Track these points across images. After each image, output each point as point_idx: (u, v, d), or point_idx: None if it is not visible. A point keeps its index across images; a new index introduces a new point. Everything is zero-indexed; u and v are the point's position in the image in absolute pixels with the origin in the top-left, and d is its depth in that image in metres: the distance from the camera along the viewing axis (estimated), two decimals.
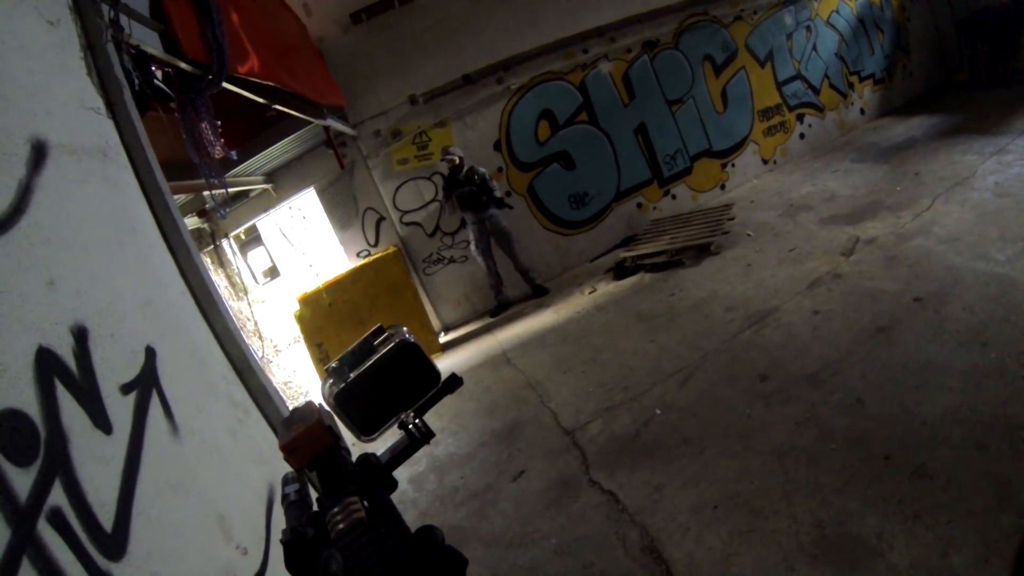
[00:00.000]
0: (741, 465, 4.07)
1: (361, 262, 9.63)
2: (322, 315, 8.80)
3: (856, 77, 12.70)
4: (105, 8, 2.34)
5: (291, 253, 11.38)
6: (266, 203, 9.90)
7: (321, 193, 9.90)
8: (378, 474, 1.13)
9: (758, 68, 11.70)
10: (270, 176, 9.67)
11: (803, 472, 3.78)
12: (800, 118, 12.09)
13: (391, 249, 9.62)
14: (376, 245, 10.06)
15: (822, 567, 3.10)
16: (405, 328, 1.19)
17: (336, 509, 0.94)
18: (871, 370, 4.50)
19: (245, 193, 9.49)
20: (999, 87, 11.77)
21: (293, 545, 0.93)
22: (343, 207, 9.93)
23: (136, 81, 2.51)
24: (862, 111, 12.76)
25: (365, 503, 0.97)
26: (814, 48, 12.19)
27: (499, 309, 9.81)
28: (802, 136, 12.09)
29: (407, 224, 10.02)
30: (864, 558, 3.05)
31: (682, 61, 11.03)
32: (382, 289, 8.93)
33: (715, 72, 11.33)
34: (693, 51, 11.11)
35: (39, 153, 1.77)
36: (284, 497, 1.08)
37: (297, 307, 8.89)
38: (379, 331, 1.19)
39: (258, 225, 10.75)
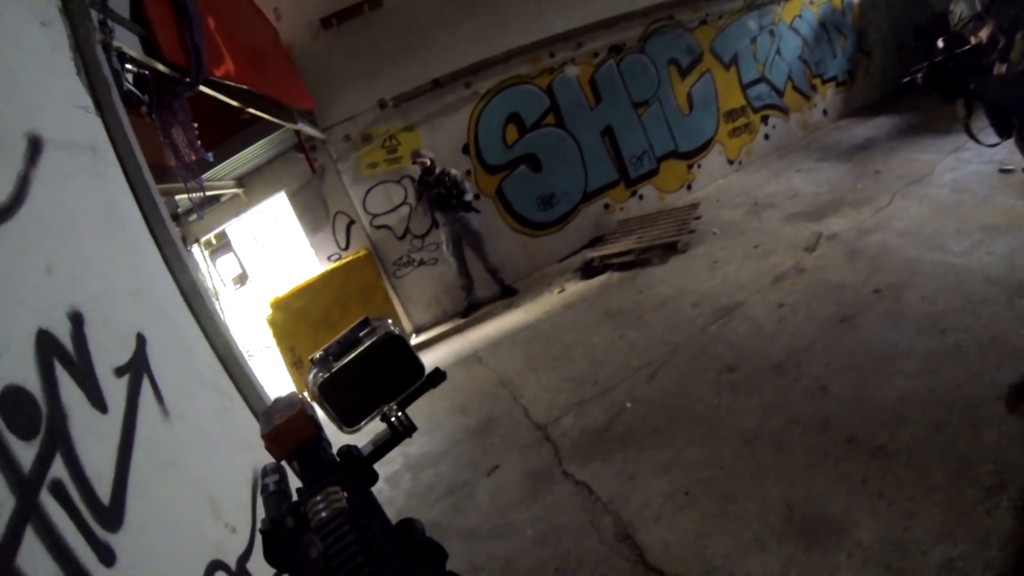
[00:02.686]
0: (711, 452, 4.17)
1: (332, 265, 9.64)
2: (294, 319, 8.79)
3: (819, 79, 12.91)
4: (94, 13, 2.39)
5: (261, 258, 11.34)
6: (237, 208, 9.87)
7: (292, 197, 9.89)
8: (359, 466, 1.13)
9: (723, 71, 11.85)
10: (241, 180, 9.65)
11: (771, 456, 3.89)
12: (764, 119, 12.28)
13: (362, 252, 9.65)
14: (347, 248, 10.05)
15: (792, 545, 3.20)
16: (390, 320, 1.20)
17: (318, 498, 0.95)
18: (834, 358, 4.63)
19: (216, 198, 9.46)
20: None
21: (272, 535, 0.93)
22: (313, 211, 9.92)
23: (124, 82, 2.56)
24: (825, 112, 12.99)
25: (346, 494, 0.98)
26: (778, 52, 12.38)
27: (470, 310, 9.85)
28: (767, 137, 12.27)
29: (377, 227, 10.03)
30: (831, 535, 3.16)
31: (648, 65, 11.15)
32: (353, 292, 8.95)
33: (680, 75, 11.45)
34: (659, 55, 11.23)
35: (35, 147, 1.81)
36: (263, 488, 1.07)
37: (269, 311, 8.88)
38: (365, 323, 1.20)
39: (228, 230, 10.70)
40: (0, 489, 1.35)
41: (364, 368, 1.14)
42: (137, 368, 1.95)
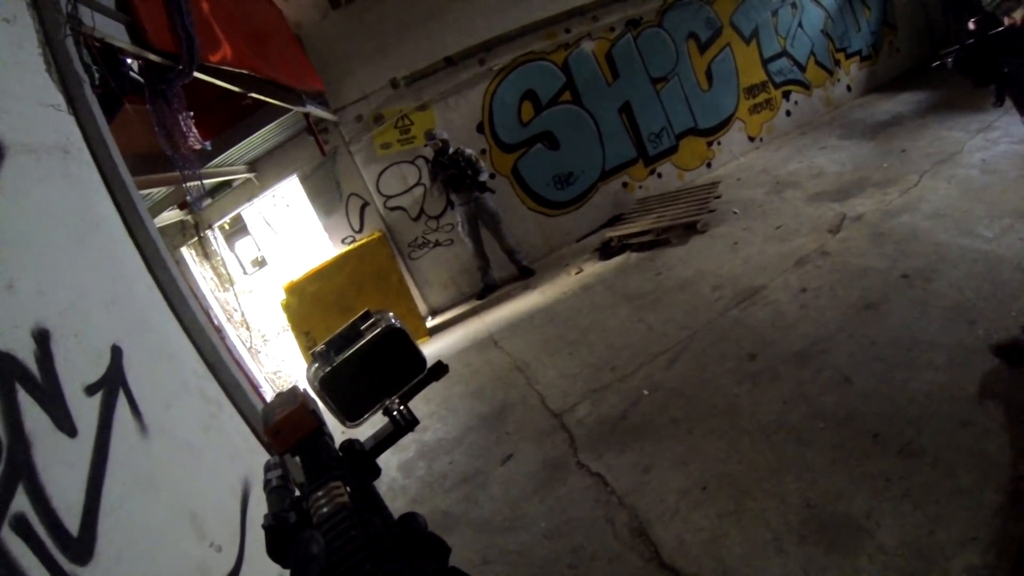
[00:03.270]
0: (729, 445, 4.07)
1: (346, 248, 9.58)
2: (308, 303, 8.75)
3: (842, 54, 12.63)
4: (64, 2, 2.28)
5: (277, 242, 11.32)
6: (250, 192, 9.83)
7: (304, 180, 9.83)
8: (362, 460, 1.11)
9: (743, 45, 11.64)
10: (252, 165, 9.59)
11: (791, 451, 3.78)
12: (786, 95, 12.05)
13: (376, 234, 9.58)
14: (361, 231, 10.01)
15: (811, 547, 3.10)
16: (392, 313, 1.18)
17: (319, 493, 0.93)
18: (859, 348, 4.49)
19: (228, 183, 9.42)
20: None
21: (275, 530, 0.91)
22: (326, 193, 9.87)
23: (96, 76, 2.45)
24: (848, 88, 12.71)
25: (348, 488, 0.95)
26: (799, 25, 12.12)
27: (486, 291, 9.79)
28: (788, 113, 12.05)
29: (391, 209, 9.97)
30: (853, 537, 3.06)
31: (666, 39, 10.96)
32: (368, 275, 8.90)
33: (700, 50, 11.26)
34: (677, 29, 11.03)
35: None
36: (266, 483, 1.05)
37: (283, 296, 8.85)
38: (366, 316, 1.18)
39: (243, 214, 10.68)
40: None
41: (365, 362, 1.13)
42: (111, 383, 1.85)
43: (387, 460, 5.72)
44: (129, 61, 3.18)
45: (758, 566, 3.15)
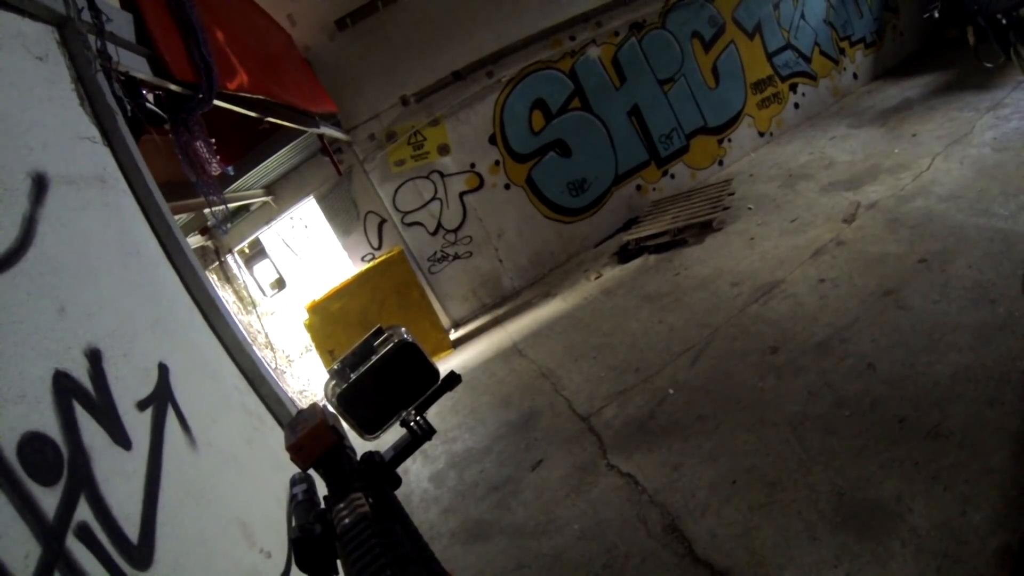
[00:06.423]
0: (757, 438, 4.09)
1: (366, 266, 9.64)
2: (331, 322, 8.82)
3: (847, 42, 12.61)
4: (92, 39, 2.36)
5: (297, 263, 11.40)
6: (267, 215, 9.93)
7: (321, 201, 9.92)
8: (382, 471, 1.16)
9: (747, 41, 11.64)
10: (269, 188, 9.69)
11: (818, 441, 3.80)
12: (793, 87, 12.02)
13: (395, 250, 9.62)
14: (380, 248, 10.09)
15: (844, 534, 3.12)
16: (404, 328, 1.23)
17: (342, 505, 0.97)
18: (880, 334, 4.50)
19: (246, 207, 9.52)
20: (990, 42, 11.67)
21: (302, 542, 0.96)
22: (344, 213, 9.95)
23: (128, 107, 2.53)
24: (855, 76, 12.68)
25: (370, 499, 1.00)
26: (802, 16, 12.11)
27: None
28: (796, 105, 12.02)
29: (409, 224, 10.04)
30: (885, 522, 3.07)
31: (670, 40, 10.99)
32: (389, 291, 8.97)
33: (704, 48, 11.27)
34: (680, 29, 11.06)
35: (39, 186, 1.80)
36: (292, 497, 1.11)
37: (306, 316, 8.92)
38: (378, 332, 1.23)
39: (261, 238, 10.78)
40: (26, 539, 1.35)
41: (380, 377, 1.18)
42: (161, 399, 1.93)
43: (418, 471, 5.79)
44: (145, 92, 3.26)
45: (791, 556, 3.17)
